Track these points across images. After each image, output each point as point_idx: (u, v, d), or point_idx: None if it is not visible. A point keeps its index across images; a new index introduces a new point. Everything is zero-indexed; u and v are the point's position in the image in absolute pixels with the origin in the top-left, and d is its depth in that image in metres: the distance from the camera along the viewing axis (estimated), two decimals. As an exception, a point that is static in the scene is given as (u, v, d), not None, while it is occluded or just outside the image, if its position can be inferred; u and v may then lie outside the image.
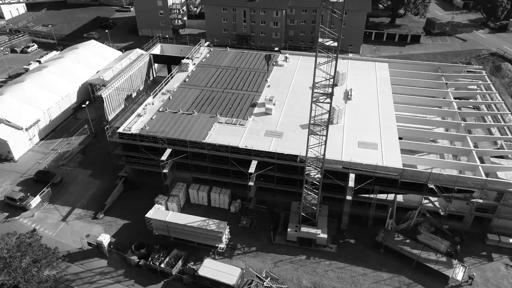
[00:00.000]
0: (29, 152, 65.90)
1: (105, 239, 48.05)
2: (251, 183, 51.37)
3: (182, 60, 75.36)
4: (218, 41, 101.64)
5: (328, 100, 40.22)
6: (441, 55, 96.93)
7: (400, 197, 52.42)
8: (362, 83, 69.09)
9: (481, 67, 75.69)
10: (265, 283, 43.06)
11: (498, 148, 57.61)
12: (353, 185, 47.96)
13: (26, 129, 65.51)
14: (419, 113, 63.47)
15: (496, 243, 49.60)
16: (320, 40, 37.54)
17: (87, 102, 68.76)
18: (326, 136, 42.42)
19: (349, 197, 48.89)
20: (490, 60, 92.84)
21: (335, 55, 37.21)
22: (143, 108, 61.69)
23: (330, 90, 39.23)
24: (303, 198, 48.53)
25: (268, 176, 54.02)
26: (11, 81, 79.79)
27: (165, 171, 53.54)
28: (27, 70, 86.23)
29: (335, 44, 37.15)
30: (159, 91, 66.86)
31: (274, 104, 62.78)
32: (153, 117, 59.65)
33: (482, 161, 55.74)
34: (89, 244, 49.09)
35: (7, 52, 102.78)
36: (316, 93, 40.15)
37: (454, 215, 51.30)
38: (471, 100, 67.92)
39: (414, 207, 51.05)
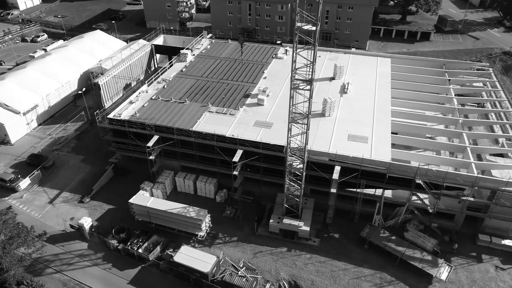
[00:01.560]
0: (26, 136, 67.01)
1: (87, 222, 48.25)
2: (235, 173, 50.70)
3: (181, 51, 75.36)
4: (223, 33, 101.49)
5: (308, 87, 39.24)
6: (451, 53, 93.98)
7: (389, 193, 50.93)
8: (361, 77, 67.56)
9: (488, 64, 72.88)
10: (239, 272, 42.31)
11: (501, 147, 55.22)
12: (337, 178, 46.68)
13: (24, 114, 66.64)
14: (417, 108, 61.56)
15: (487, 244, 47.46)
16: (298, 24, 36.58)
17: (84, 89, 69.48)
18: (307, 125, 41.41)
19: (333, 190, 47.65)
20: (499, 59, 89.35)
21: (313, 41, 36.18)
22: (136, 96, 61.88)
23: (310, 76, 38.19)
24: (286, 189, 47.61)
25: (255, 166, 53.33)
26: (15, 67, 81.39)
27: (151, 157, 53.43)
28: (32, 57, 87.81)
29: (314, 28, 36.12)
30: (155, 79, 66.99)
31: (267, 96, 62.00)
32: (145, 105, 59.68)
33: (480, 159, 53.64)
34: (72, 226, 49.43)
35: (17, 41, 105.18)
36: (296, 79, 39.25)
37: (445, 214, 49.43)
38: (473, 97, 65.43)
39: (402, 203, 49.42)
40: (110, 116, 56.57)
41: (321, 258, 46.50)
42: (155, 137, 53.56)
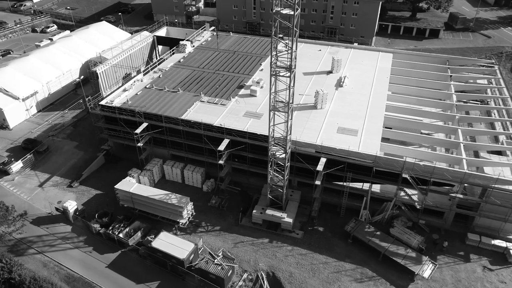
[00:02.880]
0: (24, 122, 68.22)
1: (71, 205, 48.69)
2: (221, 162, 50.30)
3: (180, 41, 75.44)
4: (228, 27, 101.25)
5: (288, 74, 38.52)
6: (459, 51, 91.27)
7: (377, 188, 49.71)
8: (359, 72, 66.34)
9: (493, 61, 70.43)
10: (216, 260, 41.91)
11: (501, 144, 53.16)
12: (321, 169, 45.76)
13: (23, 100, 67.85)
14: (415, 104, 59.91)
15: (477, 243, 45.73)
16: (277, 8, 35.93)
17: (82, 77, 70.24)
18: (289, 113, 40.67)
19: (318, 182, 46.75)
20: (511, 57, 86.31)
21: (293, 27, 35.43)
22: (131, 84, 62.22)
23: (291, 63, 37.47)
24: (269, 180, 46.98)
25: (243, 157, 52.86)
26: (21, 55, 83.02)
27: (139, 144, 53.56)
28: (38, 46, 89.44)
29: (292, 13, 35.41)
30: (151, 69, 67.23)
31: (261, 87, 61.43)
32: (138, 93, 59.91)
33: (478, 156, 51.75)
34: (57, 209, 49.95)
35: (28, 32, 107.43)
36: (277, 66, 38.63)
37: (434, 211, 47.91)
38: (474, 94, 63.27)
39: (389, 198, 48.15)
40: (102, 102, 57.01)
41: (303, 251, 45.68)
42: (144, 124, 53.63)
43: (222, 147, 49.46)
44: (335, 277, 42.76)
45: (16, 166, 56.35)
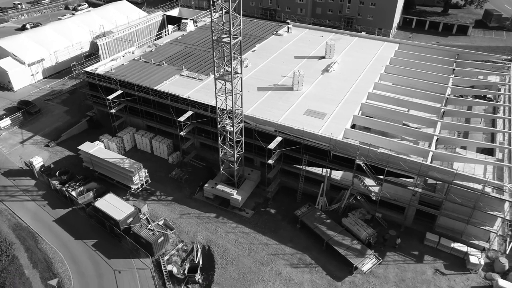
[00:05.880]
0: (29, 86, 72.41)
1: (37, 161, 50.85)
2: (182, 133, 50.00)
3: (182, 20, 76.11)
4: (245, 12, 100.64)
5: (228, 40, 37.32)
6: (486, 49, 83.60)
7: (339, 175, 46.90)
8: (354, 59, 63.16)
9: (509, 57, 63.58)
10: (149, 226, 41.73)
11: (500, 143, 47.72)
12: (272, 147, 43.93)
13: (29, 65, 71.98)
14: (405, 95, 55.61)
15: (435, 244, 41.60)
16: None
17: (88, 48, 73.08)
18: (232, 83, 39.44)
19: (270, 161, 44.99)
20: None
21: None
22: (123, 56, 63.79)
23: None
24: (222, 154, 45.98)
25: (211, 132, 52.18)
26: (39, 26, 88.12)
27: (112, 111, 54.75)
28: (60, 19, 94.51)
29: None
30: (146, 44, 68.45)
31: (246, 66, 60.35)
32: (124, 63, 61.26)
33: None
34: (26, 164, 52.40)
35: (61, 8, 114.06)
36: (218, 32, 37.65)
37: (396, 206, 44.26)
38: (476, 89, 57.64)
39: (346, 186, 45.23)
40: (87, 69, 58.95)
41: (246, 230, 44.22)
42: (118, 92, 54.72)
43: (183, 118, 49.15)
44: (270, 259, 40.93)
45: (4, 122, 59.93)
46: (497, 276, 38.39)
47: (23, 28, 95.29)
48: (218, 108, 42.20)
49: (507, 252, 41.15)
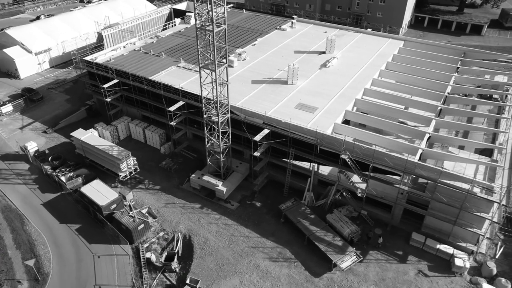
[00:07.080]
0: (35, 74, 74.15)
1: (31, 146, 51.87)
2: (172, 123, 50.06)
3: (187, 13, 76.32)
4: (254, 7, 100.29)
5: (211, 28, 37.05)
6: (499, 50, 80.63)
7: (327, 170, 45.97)
8: (355, 54, 61.96)
9: (518, 57, 61.04)
10: (131, 213, 41.87)
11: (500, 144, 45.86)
12: (258, 139, 43.40)
13: (36, 54, 73.64)
14: (404, 92, 54.10)
15: (421, 245, 40.20)
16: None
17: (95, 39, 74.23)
18: (215, 71, 39.19)
19: (256, 153, 44.51)
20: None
21: None
22: (124, 47, 64.44)
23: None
24: (208, 144, 45.77)
25: (203, 123, 51.99)
26: (49, 16, 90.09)
27: (108, 99, 55.34)
28: (71, 11, 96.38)
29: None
30: (149, 36, 68.94)
31: (243, 59, 60.06)
32: (124, 54, 61.85)
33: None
34: (21, 149, 53.51)
35: (76, 1, 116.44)
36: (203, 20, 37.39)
37: (383, 204, 43.05)
38: (478, 88, 55.53)
39: (333, 182, 44.27)
40: (87, 58, 59.78)
41: (229, 221, 43.87)
42: (114, 81, 55.24)
43: (173, 108, 49.17)
44: (250, 251, 40.44)
45: (6, 108, 61.44)
46: (483, 281, 36.82)
47: (37, 20, 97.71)
48: (204, 97, 42.01)
49: (497, 257, 39.42)
